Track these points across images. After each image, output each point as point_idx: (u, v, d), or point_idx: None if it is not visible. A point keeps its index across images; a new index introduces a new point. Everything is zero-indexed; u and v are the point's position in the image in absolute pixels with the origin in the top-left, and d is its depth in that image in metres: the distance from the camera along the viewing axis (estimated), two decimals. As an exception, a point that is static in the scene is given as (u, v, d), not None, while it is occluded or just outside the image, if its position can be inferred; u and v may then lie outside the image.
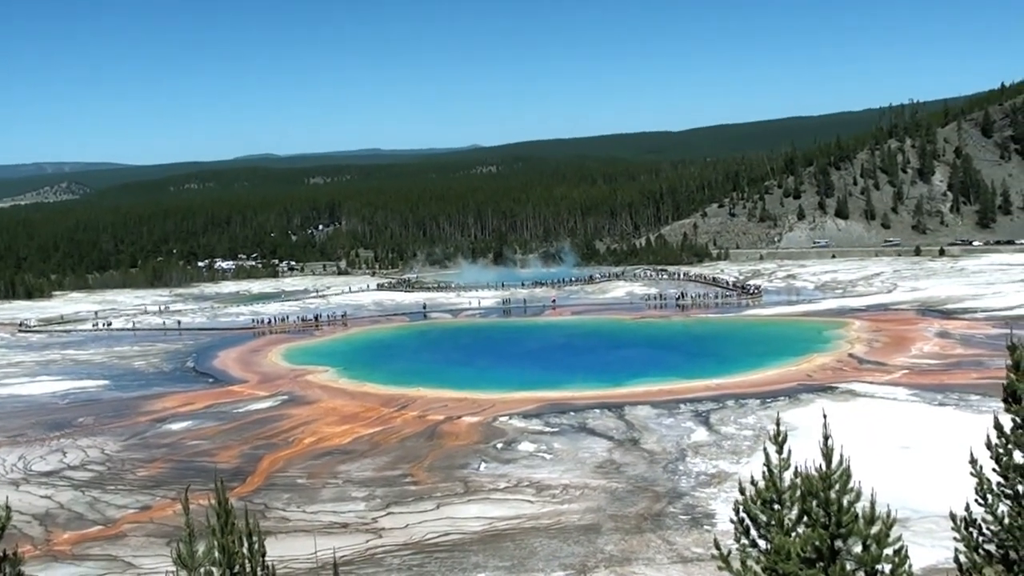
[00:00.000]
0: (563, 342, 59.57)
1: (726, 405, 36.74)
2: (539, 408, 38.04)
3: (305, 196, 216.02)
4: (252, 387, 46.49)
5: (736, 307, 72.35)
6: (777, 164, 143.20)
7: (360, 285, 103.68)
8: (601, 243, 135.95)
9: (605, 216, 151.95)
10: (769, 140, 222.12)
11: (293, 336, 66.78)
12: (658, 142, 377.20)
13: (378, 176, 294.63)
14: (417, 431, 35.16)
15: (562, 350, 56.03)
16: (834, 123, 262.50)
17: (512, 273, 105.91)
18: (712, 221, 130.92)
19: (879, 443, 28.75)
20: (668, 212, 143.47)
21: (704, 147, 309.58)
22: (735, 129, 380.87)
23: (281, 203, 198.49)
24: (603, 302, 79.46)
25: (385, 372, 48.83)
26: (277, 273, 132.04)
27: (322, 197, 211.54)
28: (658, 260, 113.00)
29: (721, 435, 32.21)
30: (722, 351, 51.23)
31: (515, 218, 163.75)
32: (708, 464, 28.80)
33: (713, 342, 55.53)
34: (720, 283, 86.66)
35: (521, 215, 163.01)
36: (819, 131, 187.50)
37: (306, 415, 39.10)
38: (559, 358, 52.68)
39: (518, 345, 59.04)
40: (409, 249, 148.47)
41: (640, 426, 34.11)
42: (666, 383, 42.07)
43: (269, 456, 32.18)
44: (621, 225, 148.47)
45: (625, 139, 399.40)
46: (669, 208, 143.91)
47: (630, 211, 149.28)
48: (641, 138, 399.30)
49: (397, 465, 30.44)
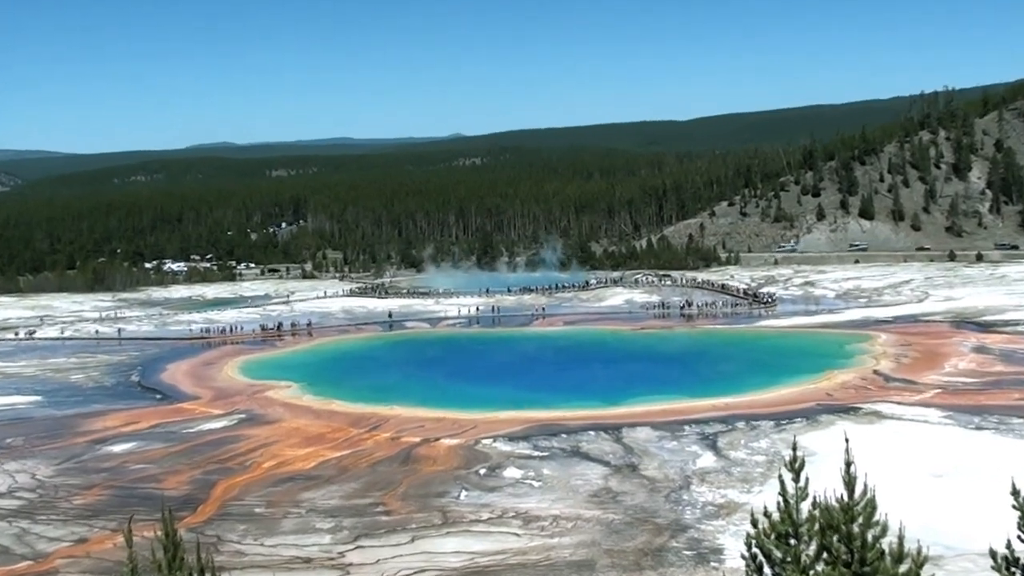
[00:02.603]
0: (554, 355, 59.54)
1: (736, 427, 36.73)
2: (527, 430, 37.91)
3: (266, 190, 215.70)
4: (205, 404, 46.18)
5: (747, 317, 72.58)
6: (794, 158, 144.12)
7: (328, 290, 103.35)
8: (597, 245, 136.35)
9: (602, 215, 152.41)
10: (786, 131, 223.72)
11: (252, 347, 66.44)
12: (661, 132, 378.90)
13: (348, 168, 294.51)
14: (390, 455, 34.99)
15: (553, 364, 55.98)
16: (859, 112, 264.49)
17: (498, 278, 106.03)
18: (721, 221, 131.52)
19: (908, 471, 28.82)
20: (672, 211, 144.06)
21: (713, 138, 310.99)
22: (748, 119, 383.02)
23: (239, 198, 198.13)
24: (599, 311, 79.55)
25: (355, 388, 48.58)
26: (234, 276, 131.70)
27: (285, 191, 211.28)
28: (660, 264, 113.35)
29: (730, 461, 32.20)
30: (732, 366, 51.29)
31: (501, 216, 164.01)
32: (716, 493, 28.76)
33: (722, 356, 55.56)
34: (730, 290, 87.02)
35: (508, 213, 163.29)
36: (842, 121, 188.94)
37: (266, 436, 38.84)
38: (549, 373, 52.59)
39: (504, 359, 58.95)
40: (383, 250, 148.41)
41: (639, 450, 34.07)
42: (669, 402, 42.05)
43: (224, 482, 31.94)
44: (620, 225, 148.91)
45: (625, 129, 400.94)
46: (673, 206, 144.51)
47: (630, 209, 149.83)
48: (643, 128, 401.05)
49: (367, 493, 30.29)
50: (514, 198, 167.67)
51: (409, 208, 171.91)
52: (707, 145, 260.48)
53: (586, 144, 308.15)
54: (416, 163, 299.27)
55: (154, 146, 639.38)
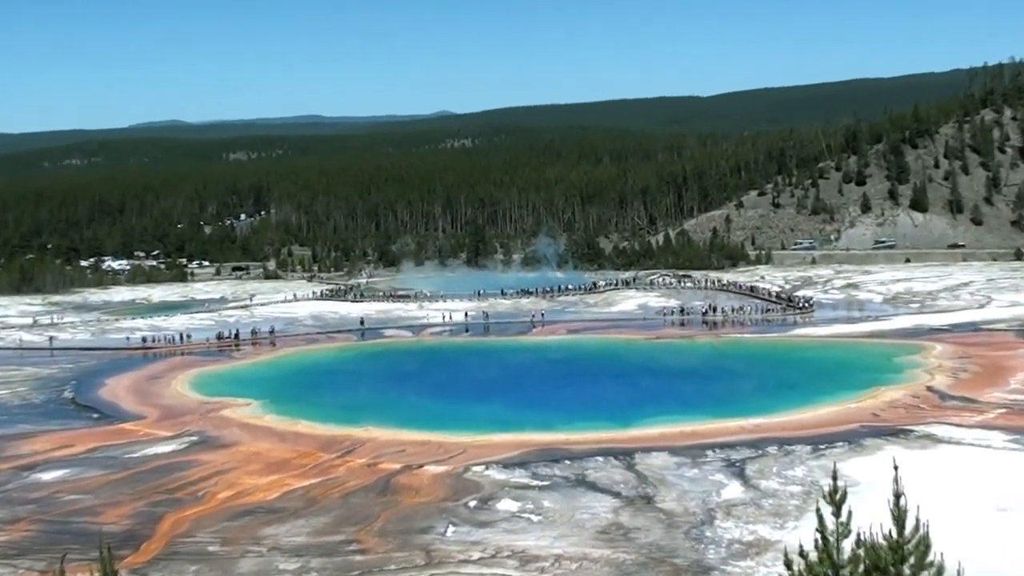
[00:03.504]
0: (556, 369, 59.44)
1: (767, 452, 36.73)
2: (524, 455, 37.86)
3: (223, 176, 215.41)
4: (151, 425, 46.03)
5: (781, 325, 72.70)
6: (835, 140, 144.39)
7: (294, 292, 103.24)
8: (607, 240, 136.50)
9: (612, 206, 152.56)
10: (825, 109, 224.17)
11: (205, 359, 66.30)
12: (682, 110, 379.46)
13: (318, 151, 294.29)
14: (365, 484, 34.93)
15: (555, 380, 55.88)
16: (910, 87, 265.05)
17: (491, 278, 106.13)
18: (750, 214, 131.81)
19: (968, 504, 28.83)
20: (693, 201, 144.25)
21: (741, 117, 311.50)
22: (781, 94, 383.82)
23: (191, 185, 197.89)
24: (608, 317, 79.60)
25: (325, 406, 48.46)
26: (185, 276, 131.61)
27: (245, 178, 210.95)
28: (680, 263, 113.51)
29: (761, 491, 32.19)
30: (762, 382, 51.25)
31: (496, 207, 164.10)
32: (744, 529, 28.74)
33: (751, 370, 55.53)
34: (760, 294, 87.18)
35: (504, 203, 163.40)
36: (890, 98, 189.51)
37: (221, 462, 38.77)
38: (551, 390, 52.48)
39: (498, 373, 58.89)
40: (358, 247, 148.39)
41: (655, 479, 34.06)
42: (689, 423, 41.98)
43: (172, 515, 31.87)
44: (633, 218, 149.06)
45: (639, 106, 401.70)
46: (695, 196, 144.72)
47: (644, 199, 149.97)
48: (660, 105, 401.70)
49: (339, 528, 30.24)
50: (510, 186, 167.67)
51: (389, 197, 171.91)
52: (734, 125, 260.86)
53: (594, 124, 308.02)
54: (397, 145, 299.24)
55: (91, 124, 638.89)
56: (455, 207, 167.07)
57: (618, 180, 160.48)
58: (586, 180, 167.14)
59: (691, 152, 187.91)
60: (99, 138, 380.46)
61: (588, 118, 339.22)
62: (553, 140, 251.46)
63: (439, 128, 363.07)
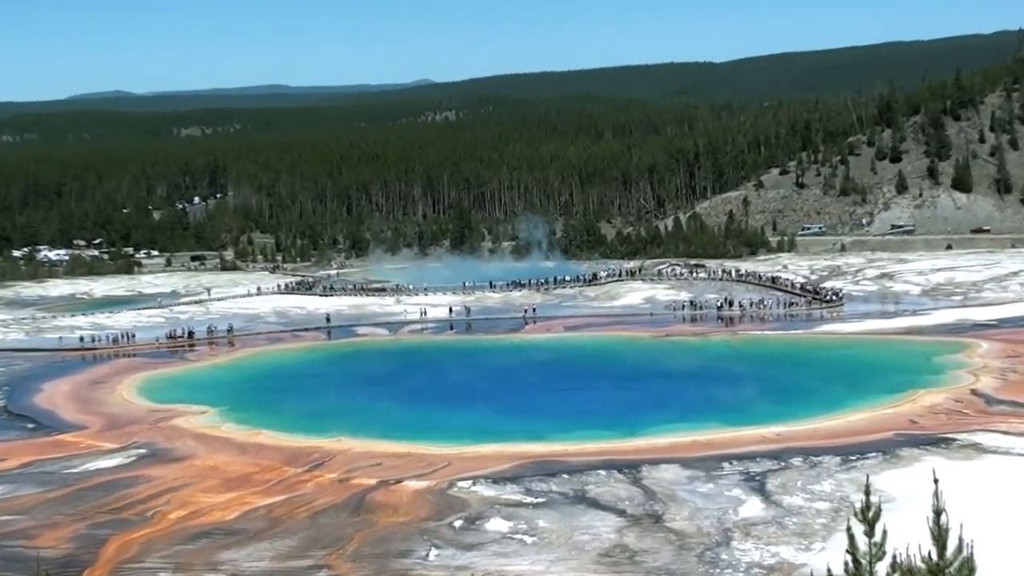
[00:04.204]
0: (553, 371, 59.50)
1: (791, 464, 36.85)
2: (517, 468, 37.94)
3: (174, 154, 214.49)
4: (93, 436, 45.96)
5: (806, 320, 72.91)
6: (867, 112, 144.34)
7: (257, 285, 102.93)
8: (609, 226, 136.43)
9: (615, 186, 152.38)
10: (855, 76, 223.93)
11: (155, 361, 66.19)
12: (693, 78, 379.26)
13: (282, 126, 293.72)
14: (337, 502, 34.95)
15: (551, 383, 55.99)
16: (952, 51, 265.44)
17: (479, 269, 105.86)
18: (771, 195, 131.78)
19: (1017, 521, 28.92)
20: (707, 181, 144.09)
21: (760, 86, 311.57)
22: (805, 59, 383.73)
23: (138, 165, 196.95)
24: (611, 312, 79.67)
25: (291, 414, 48.50)
26: (132, 268, 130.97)
27: (199, 156, 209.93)
28: (691, 251, 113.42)
29: (784, 509, 32.28)
30: (785, 385, 51.39)
31: (483, 188, 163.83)
32: (764, 551, 28.80)
33: (772, 372, 55.68)
34: (782, 285, 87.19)
35: (492, 184, 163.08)
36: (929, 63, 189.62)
37: (173, 477, 38.73)
38: (546, 395, 52.60)
39: (486, 376, 58.89)
40: (327, 234, 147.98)
41: (664, 495, 34.13)
42: (703, 432, 42.11)
43: (117, 538, 31.82)
44: (638, 200, 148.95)
45: (645, 73, 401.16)
46: (708, 175, 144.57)
47: (651, 179, 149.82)
48: (668, 72, 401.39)
49: (307, 552, 30.22)
50: (499, 165, 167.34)
51: (362, 178, 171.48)
52: (752, 95, 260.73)
53: (594, 93, 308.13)
54: (371, 118, 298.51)
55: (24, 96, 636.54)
56: (437, 188, 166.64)
57: (621, 157, 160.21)
58: (585, 157, 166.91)
59: (704, 125, 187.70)
60: (33, 111, 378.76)
61: (587, 87, 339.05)
62: (548, 112, 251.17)
63: (418, 99, 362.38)
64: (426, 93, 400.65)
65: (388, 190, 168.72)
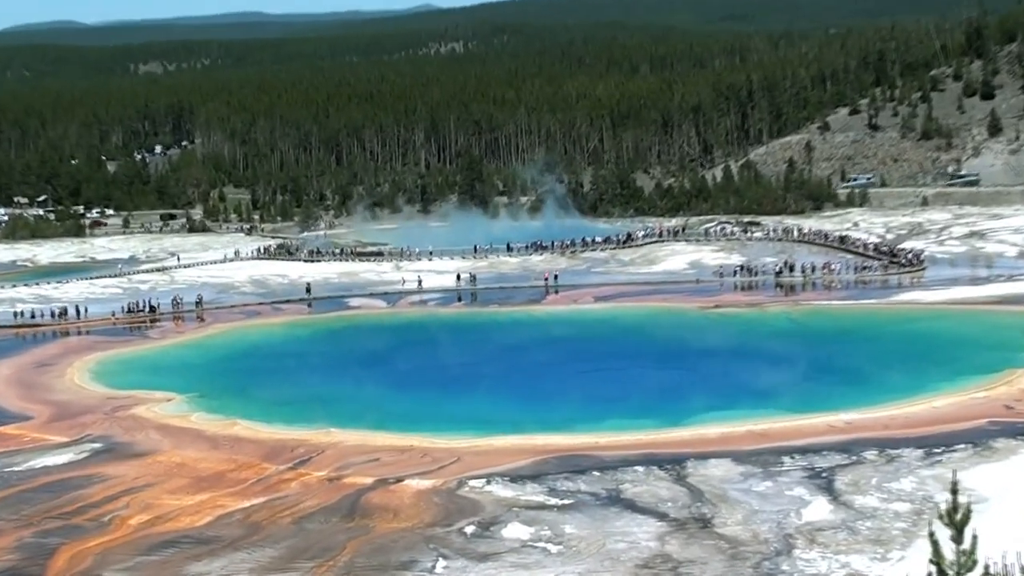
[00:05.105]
0: (580, 349, 59.51)
1: (863, 459, 36.73)
2: (538, 464, 37.92)
3: (131, 95, 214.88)
4: (39, 428, 46.14)
5: (881, 288, 72.75)
6: (953, 39, 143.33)
7: (232, 250, 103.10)
8: (646, 177, 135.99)
9: (653, 130, 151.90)
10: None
11: (111, 339, 66.42)
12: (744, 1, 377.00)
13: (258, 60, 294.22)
14: (327, 504, 34.96)
15: (578, 363, 55.91)
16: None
17: (492, 229, 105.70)
18: (839, 139, 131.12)
19: None
20: (763, 123, 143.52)
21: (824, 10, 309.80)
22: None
23: (88, 107, 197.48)
24: (649, 279, 79.68)
25: (271, 401, 48.62)
26: (82, 230, 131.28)
27: (160, 97, 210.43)
28: (744, 207, 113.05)
29: (855, 511, 32.18)
30: (856, 365, 51.22)
31: (497, 133, 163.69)
32: (832, 561, 28.73)
33: (840, 349, 55.55)
34: (853, 246, 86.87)
35: (507, 128, 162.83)
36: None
37: (134, 477, 38.79)
38: (573, 378, 52.57)
39: (501, 355, 58.96)
40: (312, 188, 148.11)
41: (714, 495, 34.03)
42: (759, 420, 42.04)
43: (68, 548, 31.89)
44: (680, 146, 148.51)
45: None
46: (764, 116, 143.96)
47: (696, 122, 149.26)
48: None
49: (292, 564, 30.24)
50: (516, 105, 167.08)
51: (353, 122, 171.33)
52: (815, 21, 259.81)
53: (627, 20, 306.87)
54: (363, 52, 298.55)
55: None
56: (442, 134, 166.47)
57: (660, 96, 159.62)
58: (617, 96, 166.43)
59: (758, 57, 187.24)
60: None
61: (619, 13, 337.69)
62: (573, 43, 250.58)
63: (420, 28, 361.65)
64: (428, 21, 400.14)
65: (384, 136, 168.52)
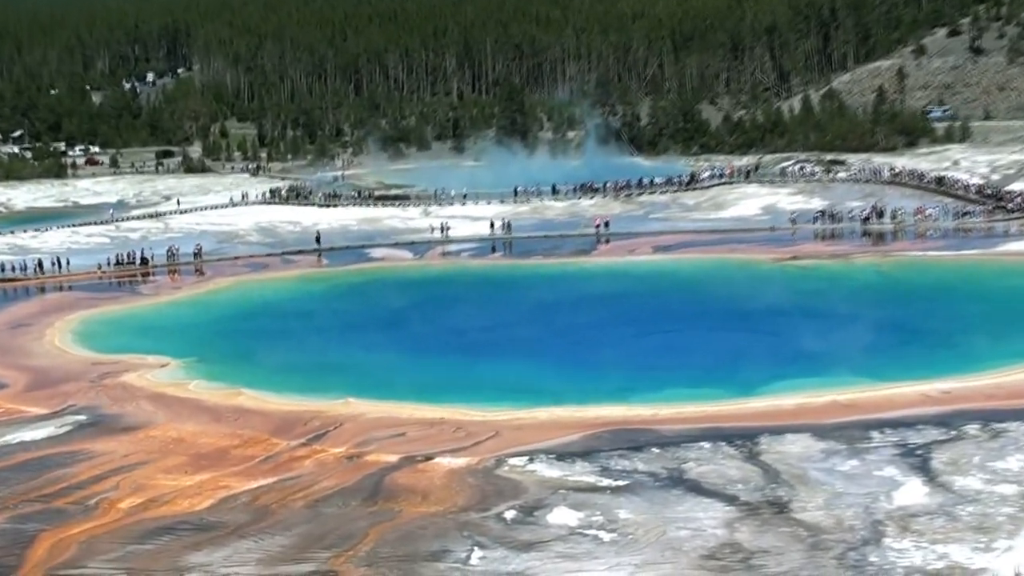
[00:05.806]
0: (636, 307, 59.68)
1: (964, 434, 36.58)
2: (588, 439, 37.87)
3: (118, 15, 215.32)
4: (14, 398, 46.57)
5: (985, 237, 72.51)
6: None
7: (237, 193, 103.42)
8: (713, 108, 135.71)
9: (721, 55, 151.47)
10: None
11: (97, 295, 67.01)
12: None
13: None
14: (345, 485, 34.95)
15: (633, 324, 56.11)
16: None
17: (535, 169, 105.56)
18: (936, 64, 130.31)
19: None
20: (847, 46, 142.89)
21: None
22: None
23: (70, 30, 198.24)
24: (716, 227, 79.79)
25: (281, 368, 48.77)
26: (64, 169, 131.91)
27: (152, 17, 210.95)
28: (826, 144, 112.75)
29: (955, 494, 31.99)
30: (955, 326, 50.97)
31: (540, 58, 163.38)
32: (928, 552, 28.47)
33: (937, 308, 55.56)
34: (952, 189, 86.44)
35: (553, 52, 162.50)
36: None
37: (124, 454, 38.90)
38: (628, 340, 52.74)
39: (545, 314, 58.93)
40: (328, 122, 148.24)
41: (791, 475, 33.90)
42: (843, 390, 41.87)
43: (49, 535, 31.94)
44: (753, 73, 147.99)
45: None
46: (849, 38, 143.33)
47: (771, 45, 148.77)
48: None
49: (306, 554, 30.15)
50: (562, 25, 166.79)
51: (374, 46, 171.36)
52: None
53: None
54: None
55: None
56: (477, 60, 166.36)
57: (730, 15, 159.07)
58: (680, 15, 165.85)
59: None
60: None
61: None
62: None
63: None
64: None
65: (410, 62, 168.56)
